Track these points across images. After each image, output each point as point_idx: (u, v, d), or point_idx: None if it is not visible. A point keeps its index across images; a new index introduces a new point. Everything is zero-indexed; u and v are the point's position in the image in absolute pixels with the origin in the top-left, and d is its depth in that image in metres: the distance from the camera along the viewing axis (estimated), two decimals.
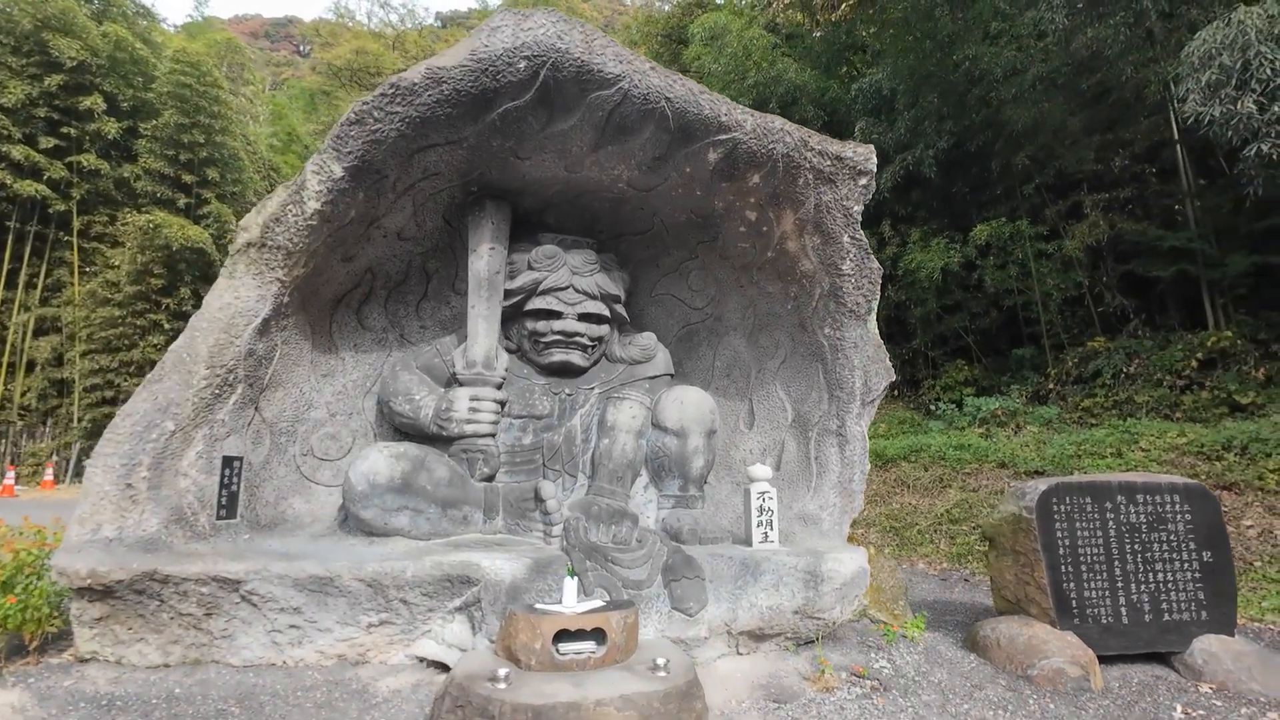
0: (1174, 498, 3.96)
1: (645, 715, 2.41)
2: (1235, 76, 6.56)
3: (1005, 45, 12.10)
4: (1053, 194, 12.83)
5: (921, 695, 3.34)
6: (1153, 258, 11.72)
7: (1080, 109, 12.21)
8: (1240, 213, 10.88)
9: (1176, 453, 7.67)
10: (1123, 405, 10.46)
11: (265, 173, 20.60)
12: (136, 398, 3.47)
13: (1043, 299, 12.55)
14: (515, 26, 3.46)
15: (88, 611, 3.21)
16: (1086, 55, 11.04)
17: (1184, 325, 11.58)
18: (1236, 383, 9.67)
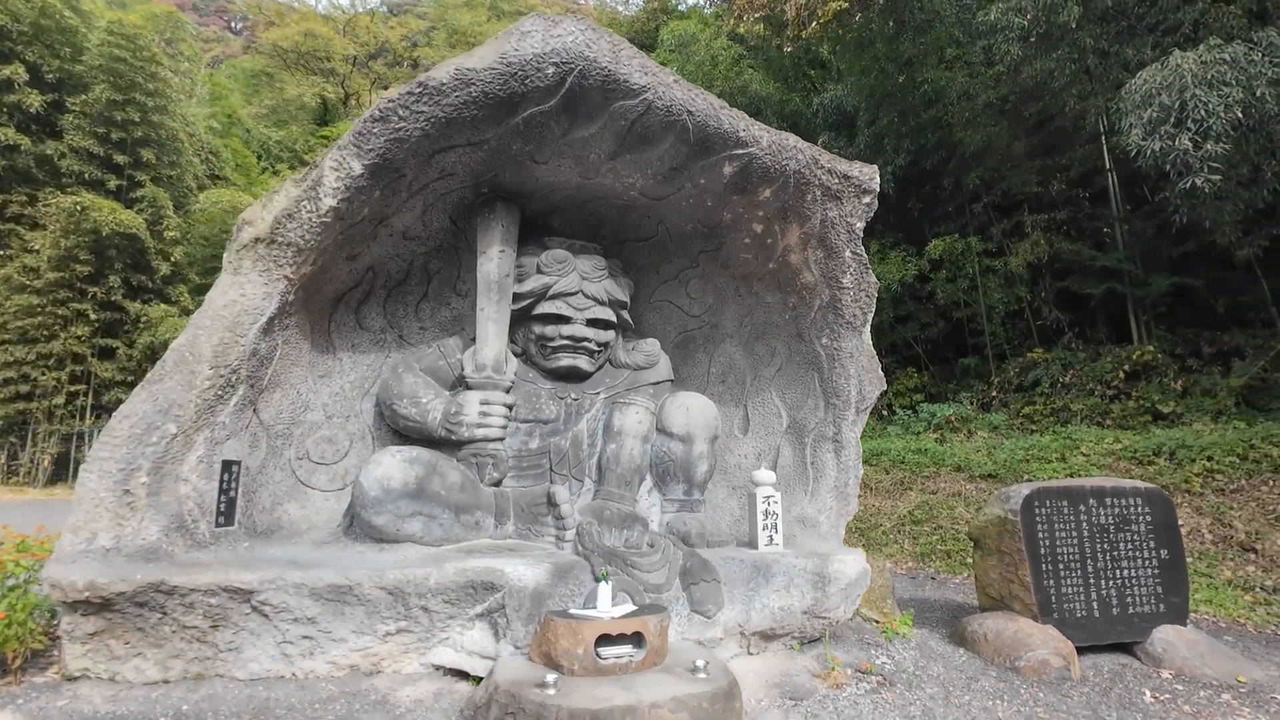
0: (1137, 501, 4.33)
1: (696, 716, 2.48)
2: (1173, 115, 7.20)
3: (959, 71, 12.81)
4: (999, 213, 13.65)
5: (925, 689, 3.54)
6: (1086, 276, 12.64)
7: (1025, 134, 13.05)
8: (1162, 237, 11.87)
9: (1113, 457, 8.31)
10: (1060, 412, 11.25)
11: (205, 156, 19.47)
12: (135, 399, 3.27)
13: (987, 311, 13.33)
14: (545, 32, 3.46)
15: (81, 626, 3.01)
16: (1032, 85, 11.81)
17: (1112, 339, 12.54)
18: (1159, 393, 10.56)
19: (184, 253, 17.25)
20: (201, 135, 20.01)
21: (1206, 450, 7.72)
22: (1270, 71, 7.19)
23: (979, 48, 12.52)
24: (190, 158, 18.11)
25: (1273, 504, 6.79)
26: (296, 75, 27.05)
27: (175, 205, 17.16)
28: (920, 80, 12.45)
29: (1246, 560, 6.23)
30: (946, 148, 13.15)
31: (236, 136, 22.21)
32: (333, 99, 28.51)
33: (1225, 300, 11.47)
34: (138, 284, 16.34)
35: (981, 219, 13.63)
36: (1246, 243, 10.06)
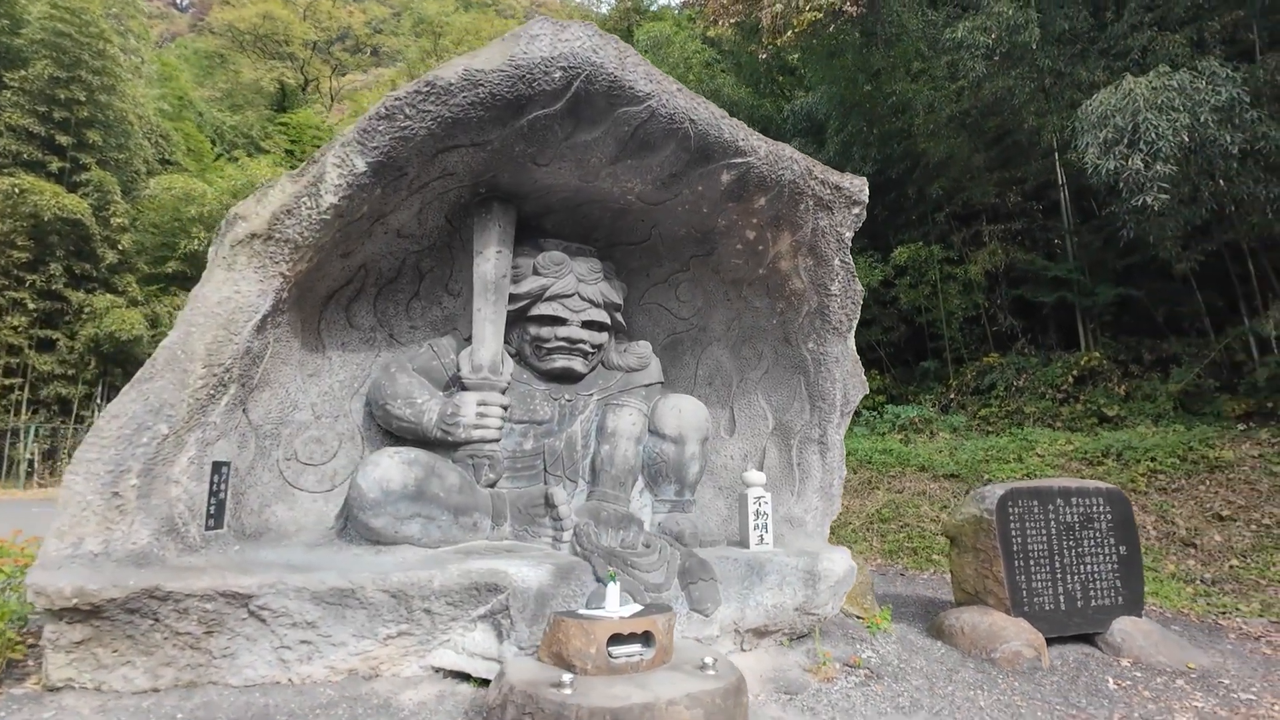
0: (1099, 500, 4.62)
1: (710, 712, 2.56)
2: (1126, 136, 7.65)
3: (924, 84, 13.25)
4: (959, 222, 14.18)
5: (910, 680, 3.71)
6: (1038, 285, 13.25)
7: (984, 147, 13.59)
8: (1108, 250, 12.56)
9: (1065, 458, 8.78)
10: (1014, 414, 11.77)
11: (155, 139, 18.57)
12: (124, 398, 3.16)
13: (947, 317, 13.85)
14: (553, 36, 3.48)
15: (66, 635, 2.90)
16: (992, 100, 12.33)
17: (1062, 345, 13.19)
18: (1104, 397, 11.16)
19: (132, 241, 16.45)
20: (151, 117, 19.08)
21: (1150, 452, 8.23)
22: (1213, 99, 7.71)
23: (943, 63, 12.99)
24: (140, 140, 17.24)
25: (1209, 502, 7.29)
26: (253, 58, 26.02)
27: (123, 190, 16.34)
28: (888, 92, 12.85)
29: (1187, 555, 6.68)
30: (911, 158, 13.60)
31: (189, 120, 21.23)
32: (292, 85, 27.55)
33: (1164, 310, 12.20)
34: (81, 272, 15.50)
35: (943, 227, 14.13)
36: (1185, 257, 10.71)
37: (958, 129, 13.26)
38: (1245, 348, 10.51)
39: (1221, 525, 6.95)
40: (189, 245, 16.61)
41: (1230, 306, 11.23)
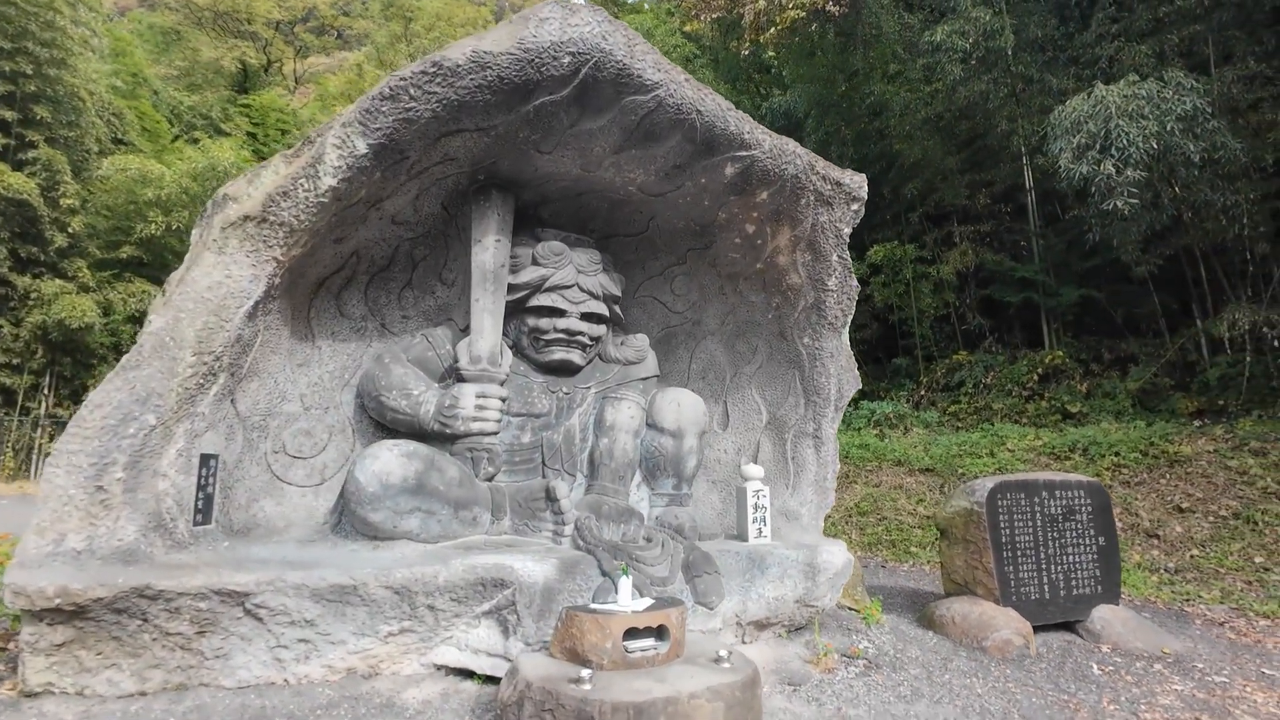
0: (1080, 493, 4.77)
1: (730, 704, 2.55)
2: (1099, 142, 7.91)
3: (900, 86, 13.49)
4: (931, 223, 14.51)
5: (908, 670, 3.77)
6: (1005, 285, 13.65)
7: (956, 150, 13.91)
8: (1072, 252, 13.01)
9: (1035, 453, 9.07)
10: (982, 411, 12.12)
11: (108, 118, 17.66)
12: (108, 386, 2.98)
13: (918, 315, 14.17)
14: (563, 21, 3.40)
15: (46, 637, 2.74)
16: (966, 104, 12.63)
17: (1027, 344, 13.62)
18: (1067, 394, 11.56)
19: (83, 223, 15.63)
20: (103, 94, 18.12)
21: (1114, 447, 8.56)
22: (1178, 108, 8.03)
23: (919, 65, 13.26)
24: (92, 118, 16.37)
25: (1170, 495, 7.62)
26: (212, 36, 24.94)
27: (74, 170, 15.50)
28: (865, 93, 13.03)
29: (1151, 545, 6.98)
30: (887, 158, 13.84)
31: (144, 98, 20.23)
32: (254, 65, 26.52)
33: (1123, 311, 12.71)
34: (28, 256, 14.67)
35: (916, 227, 14.44)
36: (1144, 260, 11.16)
37: (932, 131, 13.54)
38: (1198, 348, 11.01)
39: (1182, 517, 7.27)
40: (145, 230, 15.88)
41: (1184, 309, 11.75)
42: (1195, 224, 10.18)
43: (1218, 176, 9.23)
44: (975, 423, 11.54)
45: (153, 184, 15.78)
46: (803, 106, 14.42)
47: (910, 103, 13.13)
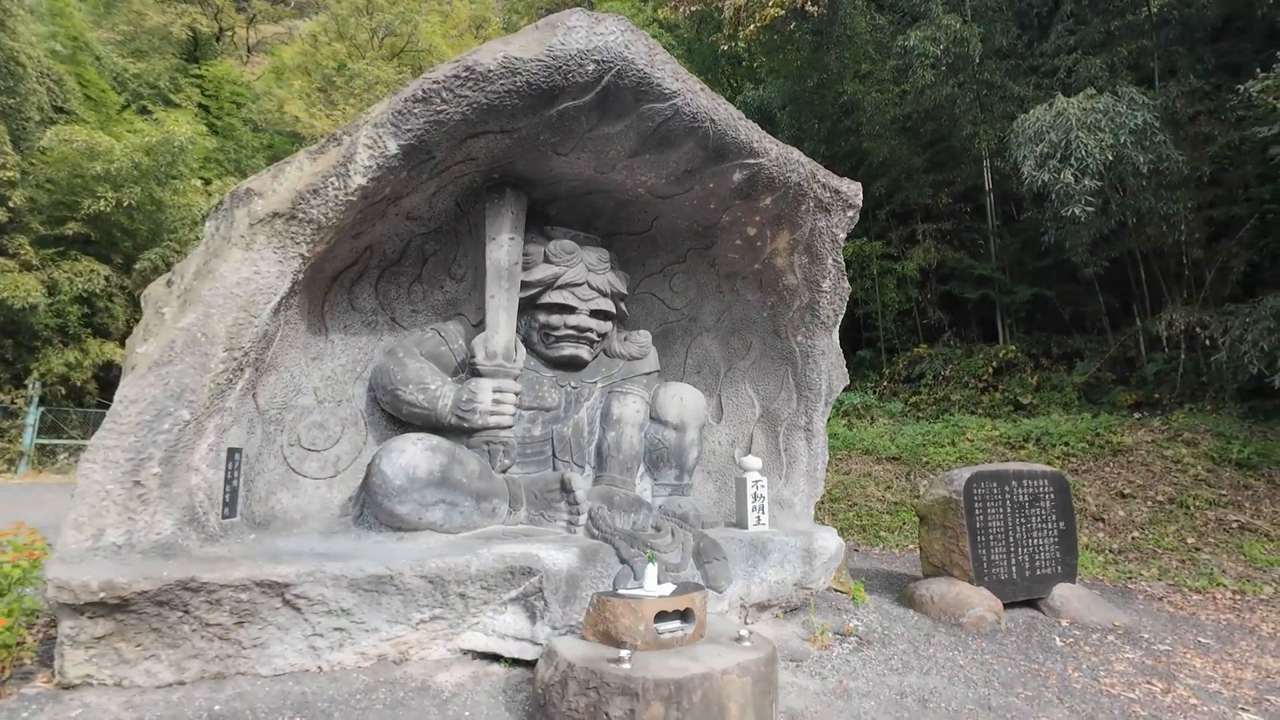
0: (1044, 482, 5.21)
1: (755, 679, 2.79)
2: (1059, 152, 8.42)
3: (871, 86, 13.89)
4: (897, 220, 15.05)
5: (896, 645, 4.10)
6: (964, 282, 14.31)
7: (921, 150, 14.44)
8: (1026, 252, 13.72)
9: (992, 442, 9.66)
10: (941, 402, 12.75)
11: (48, 84, 16.58)
12: (141, 382, 2.99)
13: (883, 309, 14.73)
14: (589, 29, 3.51)
15: (86, 630, 2.77)
16: (932, 107, 13.14)
17: (983, 339, 14.33)
18: (1019, 387, 12.27)
19: (25, 197, 14.72)
20: (42, 59, 16.98)
21: (1064, 437, 9.20)
22: (1130, 122, 8.60)
23: (889, 67, 13.68)
24: (33, 84, 15.35)
25: (1114, 482, 8.27)
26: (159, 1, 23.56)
27: (13, 141, 14.56)
28: (838, 91, 13.38)
29: (1098, 529, 7.59)
30: (857, 156, 14.26)
31: (83, 63, 19.04)
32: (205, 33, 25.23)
33: (1070, 309, 13.49)
34: None
35: (883, 225, 14.95)
36: (1092, 262, 11.88)
37: (899, 131, 14.01)
38: (1137, 345, 11.84)
39: (1124, 502, 7.91)
40: (93, 206, 15.06)
41: (1126, 308, 12.57)
42: (1138, 229, 10.90)
43: (1160, 186, 9.92)
44: (935, 413, 12.14)
45: (101, 157, 14.96)
46: (777, 101, 14.70)
47: (880, 103, 13.55)
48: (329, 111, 26.45)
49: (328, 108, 26.75)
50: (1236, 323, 8.58)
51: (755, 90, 16.02)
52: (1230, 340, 8.49)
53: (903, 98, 13.73)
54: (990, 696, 3.45)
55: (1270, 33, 10.15)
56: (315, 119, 25.57)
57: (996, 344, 13.63)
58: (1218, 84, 10.62)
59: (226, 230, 3.48)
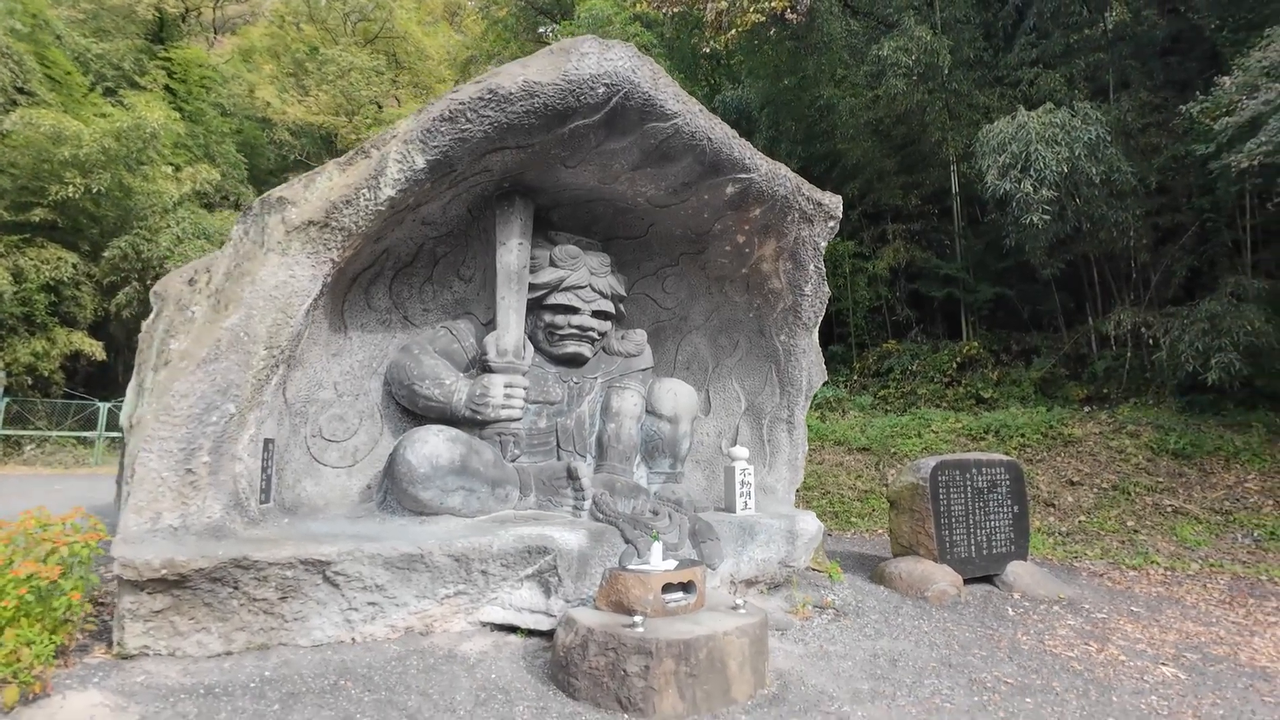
0: (1002, 470, 5.73)
1: (751, 640, 3.19)
2: (1020, 163, 8.99)
3: (846, 90, 14.39)
4: (868, 220, 15.63)
5: (869, 616, 4.57)
6: (931, 281, 14.97)
7: (892, 153, 15.02)
8: (989, 253, 14.41)
9: (955, 434, 10.28)
10: (909, 395, 13.39)
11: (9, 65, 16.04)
12: (190, 378, 3.23)
13: (854, 306, 15.32)
14: (600, 55, 3.83)
15: (146, 604, 3.03)
16: (904, 111, 13.69)
17: (948, 335, 15.04)
18: (981, 382, 12.97)
19: None
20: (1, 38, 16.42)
21: (1020, 429, 9.86)
22: (1085, 136, 9.22)
23: (863, 72, 14.18)
24: None
25: (1064, 470, 8.94)
26: None
27: None
28: (815, 95, 13.84)
29: (1049, 513, 8.23)
30: (832, 158, 14.77)
31: (47, 44, 18.42)
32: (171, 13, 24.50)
33: (1029, 308, 14.26)
34: None
35: (855, 225, 15.50)
36: (1049, 264, 12.59)
37: (871, 134, 14.55)
38: (1089, 343, 12.62)
39: (1073, 489, 8.58)
40: (61, 192, 14.74)
41: (1080, 308, 13.36)
42: (1092, 234, 11.61)
43: (1111, 195, 10.61)
44: (903, 406, 12.78)
45: (69, 142, 14.64)
46: (756, 102, 15.10)
47: (854, 107, 14.05)
48: (301, 97, 26.06)
49: (300, 93, 26.34)
50: (1176, 324, 9.31)
51: (734, 90, 16.40)
52: (1170, 340, 9.21)
53: (875, 102, 14.26)
54: (950, 657, 3.92)
55: (1213, 53, 10.90)
56: (288, 105, 25.18)
57: (961, 340, 14.33)
58: (1166, 98, 11.37)
59: (258, 235, 3.72)
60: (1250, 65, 7.16)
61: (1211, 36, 10.46)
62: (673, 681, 2.93)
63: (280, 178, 25.68)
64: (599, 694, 2.99)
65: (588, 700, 3.02)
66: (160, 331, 4.22)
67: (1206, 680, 3.76)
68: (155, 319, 4.46)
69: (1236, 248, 10.87)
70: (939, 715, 3.16)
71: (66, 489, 9.86)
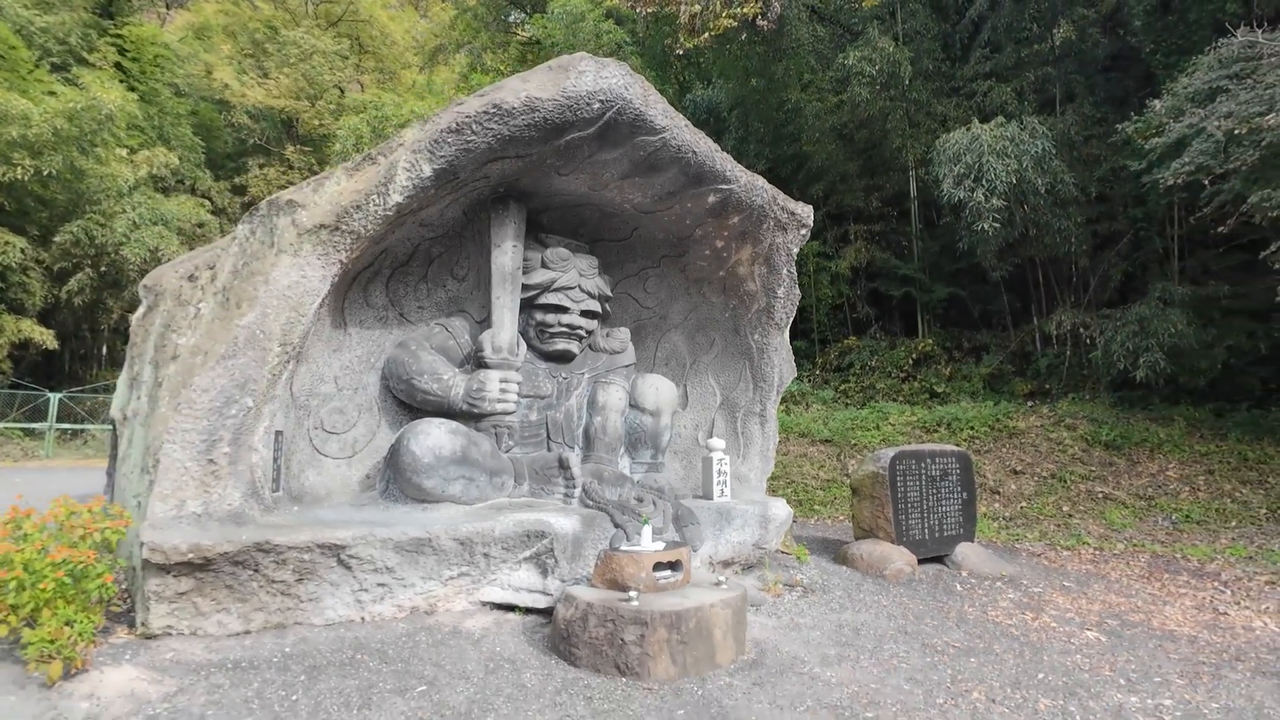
0: (953, 460, 6.26)
1: (734, 611, 3.56)
2: (973, 173, 9.60)
3: (812, 95, 14.90)
4: (832, 221, 16.22)
5: (833, 593, 5.00)
6: (890, 280, 15.67)
7: (855, 157, 15.63)
8: (943, 255, 15.16)
9: (911, 426, 10.92)
10: (868, 390, 14.05)
11: None
12: (210, 373, 3.40)
13: (817, 304, 15.91)
14: (596, 73, 4.10)
15: (170, 586, 3.21)
16: (866, 117, 14.27)
17: (905, 332, 15.77)
18: (934, 377, 13.70)
19: None
20: None
21: (970, 422, 10.55)
22: (1032, 149, 9.89)
23: (828, 78, 14.72)
24: None
25: (1008, 460, 9.64)
26: None
27: None
28: (783, 99, 14.30)
29: (994, 500, 8.89)
30: (798, 159, 15.29)
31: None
32: None
33: (980, 308, 15.08)
34: None
35: (820, 225, 16.05)
36: (999, 267, 13.37)
37: (836, 138, 15.11)
38: (1034, 341, 13.46)
39: (1016, 478, 9.28)
40: (9, 174, 14.16)
41: (1025, 308, 14.21)
42: (1037, 240, 12.39)
43: (1055, 204, 11.37)
44: (862, 400, 13.42)
45: (17, 122, 14.06)
46: (726, 103, 15.49)
47: (820, 111, 14.58)
48: (261, 80, 25.31)
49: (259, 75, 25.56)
50: (1110, 325, 10.10)
51: (704, 90, 16.76)
52: (1105, 340, 10.00)
53: (840, 107, 14.82)
54: (906, 626, 4.38)
55: (1148, 73, 11.74)
56: (247, 87, 24.43)
57: (917, 338, 15.06)
58: (1106, 113, 12.19)
59: (266, 236, 3.89)
60: (1178, 91, 7.85)
61: (1146, 59, 11.27)
62: (665, 648, 3.27)
63: (239, 162, 24.99)
64: (599, 661, 3.32)
65: (588, 667, 3.34)
66: (158, 325, 4.34)
67: (1123, 642, 4.31)
68: (149, 312, 4.57)
69: (1165, 255, 11.77)
70: (896, 674, 3.59)
71: (24, 484, 9.63)
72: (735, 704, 3.09)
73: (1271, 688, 3.63)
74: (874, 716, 3.05)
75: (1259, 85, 6.74)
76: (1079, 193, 11.42)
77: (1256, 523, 7.58)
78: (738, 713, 3.01)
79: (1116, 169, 11.66)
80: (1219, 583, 5.83)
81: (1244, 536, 7.23)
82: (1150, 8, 10.56)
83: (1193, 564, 6.50)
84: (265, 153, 24.96)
